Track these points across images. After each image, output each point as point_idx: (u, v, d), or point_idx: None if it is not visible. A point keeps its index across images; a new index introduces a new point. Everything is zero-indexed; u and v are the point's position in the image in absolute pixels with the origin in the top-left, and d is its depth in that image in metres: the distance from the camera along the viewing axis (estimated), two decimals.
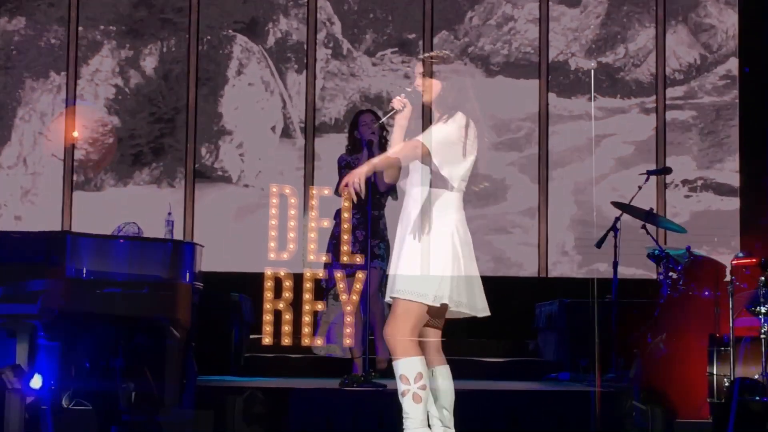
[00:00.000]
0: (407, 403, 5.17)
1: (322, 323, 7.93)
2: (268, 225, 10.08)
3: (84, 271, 7.38)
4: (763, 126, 10.57)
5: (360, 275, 5.88)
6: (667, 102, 10.85)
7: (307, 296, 5.85)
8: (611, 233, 8.55)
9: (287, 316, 6.11)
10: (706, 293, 8.07)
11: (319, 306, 5.76)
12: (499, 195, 10.72)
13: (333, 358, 8.05)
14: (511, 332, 9.97)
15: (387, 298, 5.39)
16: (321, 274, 6.00)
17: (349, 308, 5.91)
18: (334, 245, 7.67)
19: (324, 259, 6.57)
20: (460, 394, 5.44)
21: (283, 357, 9.14)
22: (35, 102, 10.73)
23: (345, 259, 5.92)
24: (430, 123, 5.40)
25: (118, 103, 10.78)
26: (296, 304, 5.91)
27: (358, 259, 6.20)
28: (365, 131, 7.63)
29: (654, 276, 9.33)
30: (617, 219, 8.55)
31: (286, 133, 10.79)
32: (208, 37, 10.83)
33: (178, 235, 9.23)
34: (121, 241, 7.68)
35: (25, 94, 10.74)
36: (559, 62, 10.90)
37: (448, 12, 10.91)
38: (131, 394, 6.86)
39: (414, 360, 5.17)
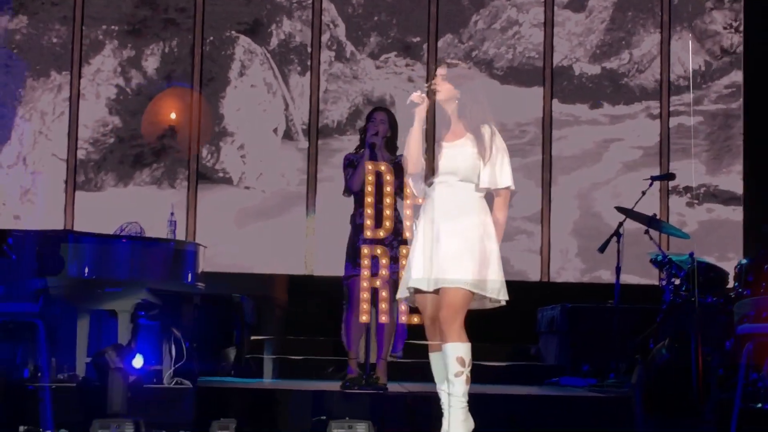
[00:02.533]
0: (459, 384, 5.63)
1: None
2: (274, 226, 10.12)
3: (86, 271, 7.37)
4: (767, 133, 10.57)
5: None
6: (673, 108, 10.83)
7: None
8: (614, 238, 8.52)
9: (384, 294, 6.27)
10: (709, 300, 8.06)
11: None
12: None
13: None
14: (513, 336, 9.94)
15: (428, 288, 5.71)
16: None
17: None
18: (348, 245, 7.60)
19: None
20: None
21: (285, 359, 9.12)
22: (36, 101, 10.70)
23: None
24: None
25: (120, 103, 10.74)
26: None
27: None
28: (371, 129, 7.58)
29: (656, 282, 9.30)
30: (620, 224, 8.53)
31: (288, 135, 10.76)
32: (211, 38, 10.80)
33: (180, 237, 9.20)
34: (124, 240, 7.67)
35: (25, 93, 10.70)
36: (564, 67, 10.87)
37: (452, 15, 10.88)
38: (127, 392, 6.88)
39: (468, 346, 5.65)
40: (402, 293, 5.86)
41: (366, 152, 7.46)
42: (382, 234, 6.56)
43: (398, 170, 7.17)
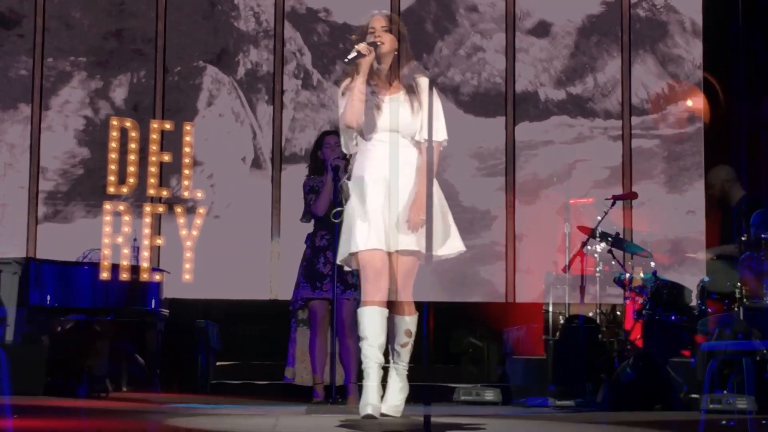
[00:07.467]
0: (406, 354, 5.86)
1: (296, 351, 7.86)
2: (240, 252, 10.06)
3: (48, 298, 7.38)
4: (727, 152, 10.63)
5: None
6: (636, 130, 10.90)
7: (146, 231, 6.19)
8: (578, 258, 8.58)
9: (125, 251, 6.39)
10: (672, 318, 8.11)
11: (159, 241, 5.96)
12: (485, 224, 10.72)
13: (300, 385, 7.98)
14: (480, 358, 9.94)
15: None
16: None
17: None
18: (305, 267, 7.62)
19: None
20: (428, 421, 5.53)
21: (250, 384, 9.10)
22: (4, 133, 10.71)
23: None
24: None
25: (88, 135, 10.77)
26: None
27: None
28: (329, 153, 7.61)
29: (620, 301, 9.34)
30: (584, 243, 8.58)
31: (257, 163, 10.79)
32: (179, 68, 10.85)
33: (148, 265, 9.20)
34: (86, 267, 7.70)
35: None
36: (529, 92, 10.94)
37: (417, 42, 10.93)
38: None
39: (416, 317, 5.82)
40: (342, 256, 5.83)
41: (329, 175, 7.48)
42: None
43: None
